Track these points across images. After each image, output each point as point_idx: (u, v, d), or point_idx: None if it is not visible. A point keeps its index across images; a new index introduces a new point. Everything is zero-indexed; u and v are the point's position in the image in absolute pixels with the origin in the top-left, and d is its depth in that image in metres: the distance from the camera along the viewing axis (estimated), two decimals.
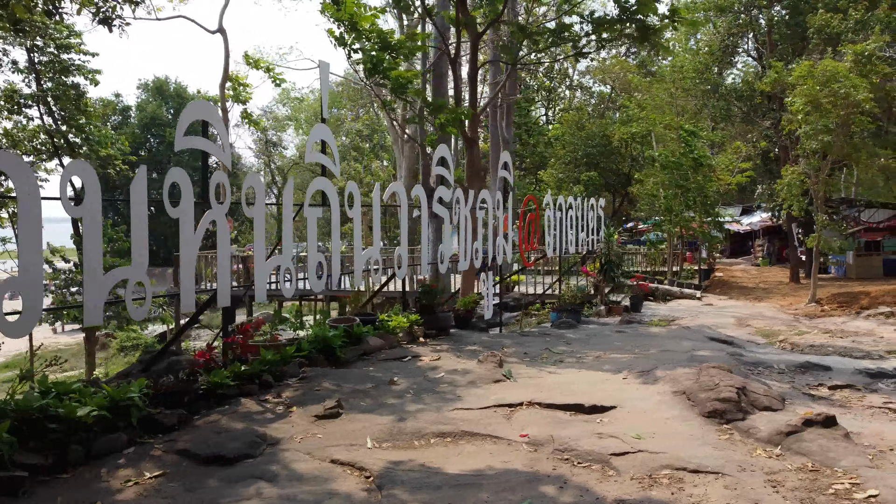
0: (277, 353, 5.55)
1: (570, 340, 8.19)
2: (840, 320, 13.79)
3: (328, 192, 6.63)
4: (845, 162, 17.91)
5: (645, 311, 15.58)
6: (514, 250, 11.52)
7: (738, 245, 38.40)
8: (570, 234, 13.11)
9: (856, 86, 14.33)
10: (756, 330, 12.17)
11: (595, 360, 6.93)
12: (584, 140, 27.81)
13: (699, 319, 13.69)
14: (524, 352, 7.23)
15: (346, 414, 4.85)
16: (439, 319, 7.81)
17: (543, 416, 4.82)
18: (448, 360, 6.41)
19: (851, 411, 5.13)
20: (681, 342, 8.13)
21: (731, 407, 4.62)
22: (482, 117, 21.49)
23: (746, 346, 8.88)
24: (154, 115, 46.13)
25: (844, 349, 9.07)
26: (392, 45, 8.98)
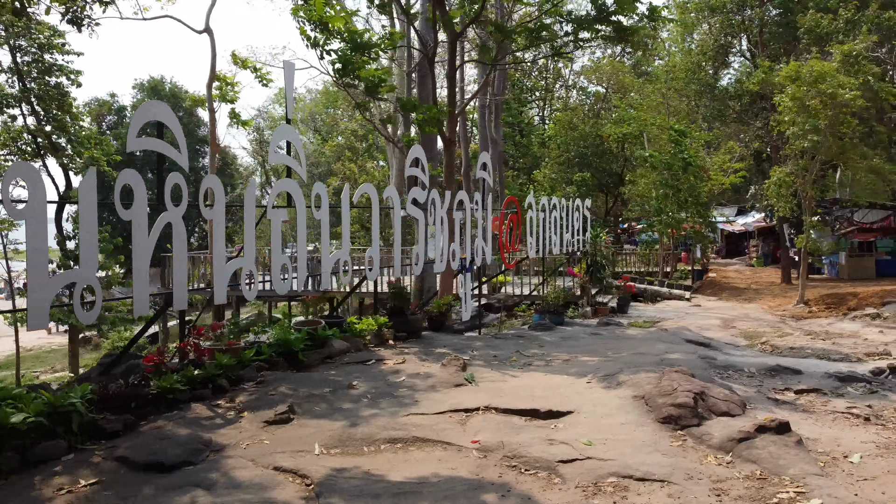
0: (235, 356, 5.48)
1: (543, 343, 8.12)
2: (826, 322, 13.71)
3: (293, 193, 6.56)
4: (836, 162, 17.84)
5: (632, 312, 15.51)
6: (496, 251, 11.45)
7: (733, 245, 38.32)
8: (553, 236, 13.04)
9: (843, 86, 14.27)
10: (740, 332, 12.10)
11: (564, 363, 6.86)
12: (576, 140, 27.74)
13: (684, 321, 13.62)
14: (494, 355, 7.16)
15: (297, 419, 4.78)
16: (410, 322, 7.73)
17: (498, 422, 4.75)
18: (412, 363, 6.34)
19: (813, 416, 5.05)
20: (655, 345, 8.06)
21: (687, 413, 4.55)
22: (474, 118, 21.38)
23: (723, 349, 8.81)
24: None
25: (823, 351, 9.00)
26: (364, 45, 8.91)
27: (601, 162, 28.14)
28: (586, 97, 36.46)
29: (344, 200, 7.26)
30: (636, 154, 21.38)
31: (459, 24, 9.62)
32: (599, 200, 30.64)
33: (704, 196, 23.50)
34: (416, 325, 7.83)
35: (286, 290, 6.41)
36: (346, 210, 7.27)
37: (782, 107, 15.57)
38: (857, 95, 14.44)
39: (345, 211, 7.25)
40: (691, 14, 24.85)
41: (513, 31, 9.41)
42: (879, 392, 5.93)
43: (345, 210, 7.25)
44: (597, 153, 27.63)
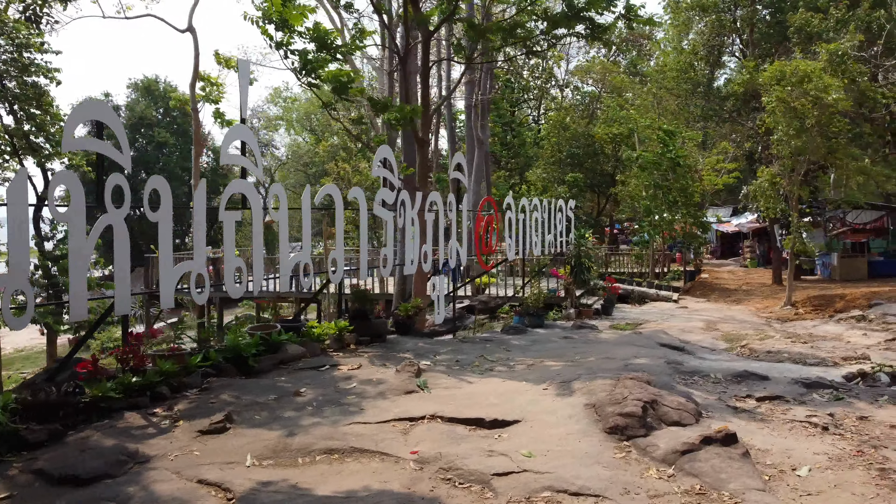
0: (178, 362, 5.32)
1: (511, 347, 7.96)
2: (811, 324, 13.55)
3: (248, 194, 6.41)
4: (823, 164, 17.68)
5: (616, 314, 15.34)
6: (473, 253, 11.29)
7: (728, 246, 38.15)
8: (534, 237, 12.87)
9: (827, 86, 14.10)
10: (722, 334, 11.94)
11: (526, 368, 6.70)
12: (568, 140, 27.58)
13: (667, 323, 13.46)
14: (456, 359, 7.00)
15: (234, 428, 4.62)
16: (374, 325, 7.56)
17: (442, 432, 4.59)
18: (367, 369, 6.18)
19: (770, 425, 4.90)
20: (625, 349, 7.90)
21: (634, 422, 4.39)
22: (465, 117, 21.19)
23: (698, 353, 8.65)
24: (142, 115, 45.86)
25: (800, 355, 8.83)
26: (330, 45, 8.75)
27: (593, 162, 27.95)
28: (581, 97, 36.32)
29: (304, 202, 7.10)
30: (624, 155, 21.21)
31: (433, 23, 9.46)
32: (591, 201, 30.49)
33: (697, 196, 23.34)
34: (380, 329, 7.66)
35: (240, 294, 6.26)
36: (307, 212, 7.11)
37: (769, 107, 15.40)
38: (842, 98, 14.28)
39: (305, 212, 7.09)
40: (685, 14, 24.72)
41: (487, 30, 9.26)
42: (845, 399, 5.77)
43: (305, 212, 7.09)
44: (588, 153, 27.45)
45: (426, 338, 8.42)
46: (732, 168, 27.30)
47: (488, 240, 11.09)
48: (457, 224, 10.01)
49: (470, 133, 18.26)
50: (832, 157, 15.85)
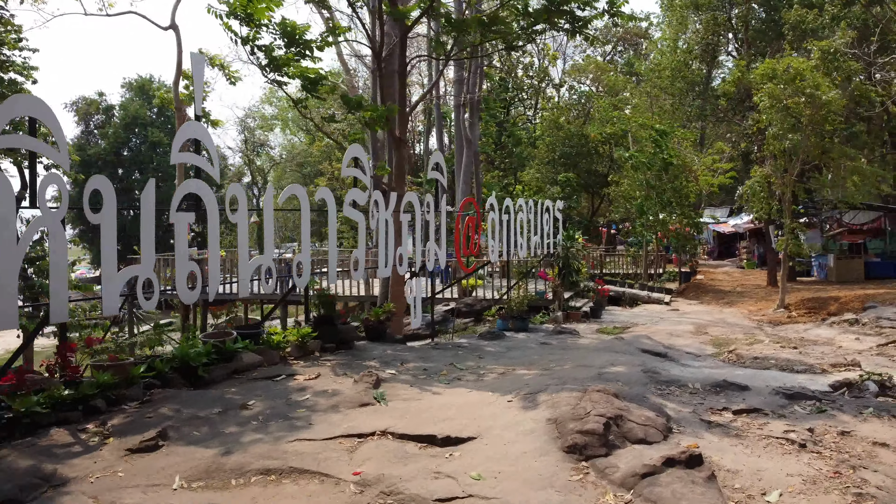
0: (119, 373, 5.01)
1: (485, 353, 7.64)
2: (803, 327, 13.24)
3: (203, 195, 6.10)
4: (816, 163, 17.37)
5: (605, 317, 15.04)
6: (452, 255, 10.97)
7: (726, 246, 37.83)
8: (519, 238, 12.56)
9: (819, 85, 13.79)
10: (711, 339, 11.64)
11: (496, 377, 6.38)
12: (561, 140, 27.26)
13: (656, 326, 13.16)
14: (424, 368, 6.69)
15: (167, 446, 4.31)
16: (341, 332, 7.24)
17: (390, 450, 4.28)
18: (325, 379, 5.86)
19: (744, 442, 4.58)
20: (603, 356, 7.59)
21: (595, 441, 4.08)
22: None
23: (681, 359, 8.34)
24: (136, 114, 45.53)
25: (787, 362, 8.52)
26: (299, 40, 8.44)
27: (587, 162, 27.64)
28: (577, 97, 35.99)
29: (267, 203, 6.79)
30: (617, 154, 20.89)
31: (410, 18, 9.15)
32: (585, 201, 30.18)
33: (693, 197, 23.02)
34: (347, 335, 7.34)
35: (193, 299, 5.95)
36: (269, 213, 6.81)
37: (762, 103, 15.09)
38: (836, 97, 13.98)
39: (267, 213, 6.79)
40: (680, 12, 24.41)
41: (464, 24, 8.93)
42: (828, 411, 5.45)
43: (267, 212, 6.79)
44: (582, 153, 27.13)
45: (399, 344, 8.10)
46: (728, 168, 26.97)
47: (470, 241, 10.78)
48: (435, 225, 9.70)
49: (459, 133, 17.95)
50: (826, 157, 15.55)
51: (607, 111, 23.39)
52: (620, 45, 38.07)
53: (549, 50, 30.68)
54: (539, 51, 31.35)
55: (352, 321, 8.38)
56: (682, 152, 22.45)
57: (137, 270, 5.53)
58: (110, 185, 5.27)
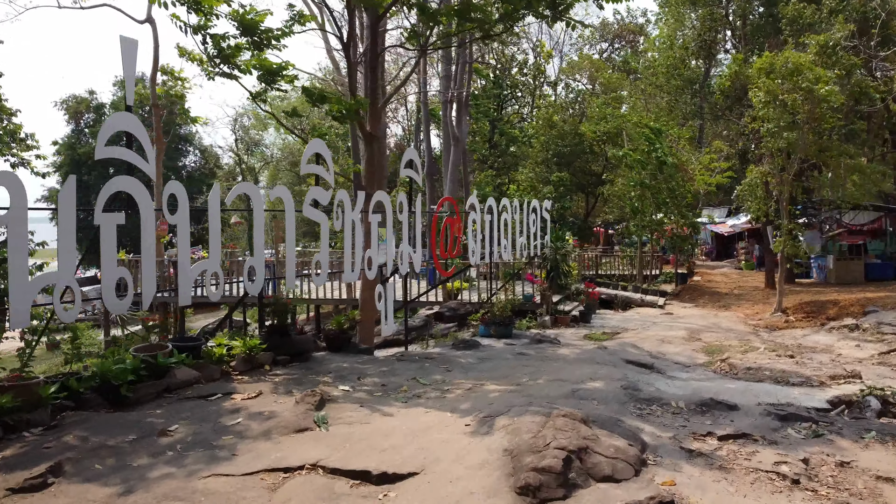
0: (22, 395, 4.43)
1: (455, 366, 7.06)
2: (801, 333, 12.66)
3: (135, 193, 5.52)
4: (815, 162, 16.80)
5: (595, 321, 14.45)
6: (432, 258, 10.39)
7: (723, 247, 37.23)
8: (503, 240, 11.97)
9: (819, 79, 13.21)
10: (704, 345, 11.05)
11: (462, 394, 5.80)
12: (554, 139, 26.67)
13: (647, 332, 12.57)
14: (383, 384, 6.10)
15: (59, 484, 3.72)
16: (295, 342, 6.65)
17: (318, 487, 3.70)
18: (266, 398, 5.27)
19: (729, 476, 4.00)
20: (583, 368, 7.01)
21: (551, 480, 3.50)
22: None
23: (668, 370, 7.75)
24: None
25: (782, 374, 7.94)
26: (257, 29, 7.88)
27: (581, 161, 27.05)
28: (573, 95, 35.41)
29: (212, 202, 6.22)
30: (610, 153, 20.31)
31: (383, 6, 8.58)
32: (580, 201, 29.60)
33: (690, 197, 22.44)
34: (304, 346, 6.75)
35: (122, 309, 5.36)
36: (215, 213, 6.23)
37: (756, 101, 14.52)
38: (835, 90, 13.40)
39: (212, 213, 6.21)
40: (676, 9, 23.85)
41: (439, 13, 8.35)
42: (825, 436, 4.87)
43: (212, 212, 6.21)
44: (576, 152, 26.53)
45: (364, 354, 7.51)
46: (726, 168, 26.40)
47: (449, 243, 10.19)
48: (409, 227, 9.13)
49: (446, 130, 17.37)
50: (824, 156, 14.97)
51: (602, 109, 22.79)
52: (617, 42, 37.50)
53: (544, 47, 30.08)
54: (533, 47, 30.79)
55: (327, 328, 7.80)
56: (677, 151, 21.88)
57: (55, 277, 4.95)
58: (19, 182, 4.71)
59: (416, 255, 9.47)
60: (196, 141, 52.29)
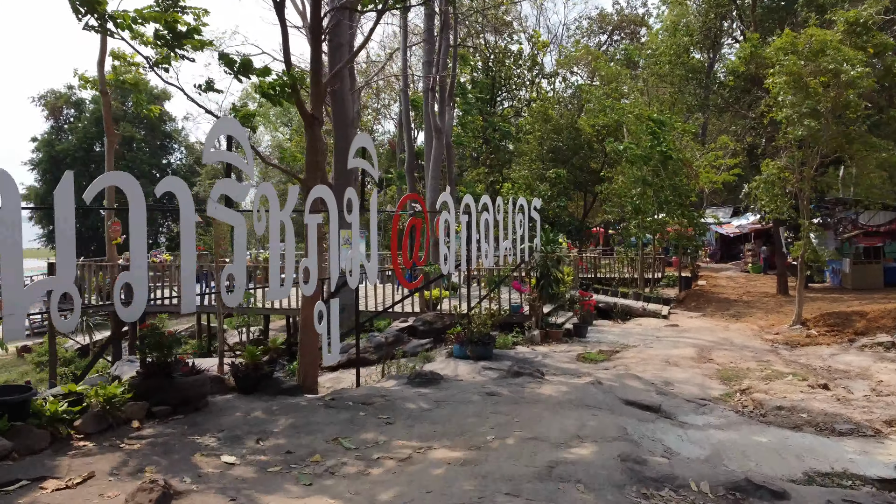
0: None
1: (400, 414, 5.38)
2: (827, 352, 11.00)
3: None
4: (838, 156, 15.12)
5: (592, 335, 12.78)
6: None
7: (728, 249, 35.54)
8: (483, 244, 10.28)
9: (849, 60, 11.53)
10: (717, 369, 9.38)
11: (394, 468, 4.13)
12: (550, 134, 24.96)
13: (649, 351, 10.90)
14: (290, 449, 4.42)
15: None
16: (181, 387, 4.95)
17: None
18: (92, 488, 3.59)
19: None
20: (569, 416, 5.33)
21: None
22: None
23: (678, 414, 6.08)
24: None
25: (824, 417, 6.27)
26: None
27: (579, 158, 25.33)
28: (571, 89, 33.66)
29: (59, 198, 4.55)
30: (609, 147, 18.63)
31: None
32: (578, 200, 27.90)
33: (693, 195, 20.76)
34: (194, 391, 5.06)
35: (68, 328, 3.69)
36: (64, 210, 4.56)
37: (774, 88, 12.85)
38: (866, 73, 11.71)
39: (59, 213, 4.55)
40: None
41: None
42: None
43: (58, 212, 4.54)
44: (573, 148, 24.81)
45: (286, 396, 5.81)
46: (732, 164, 24.70)
47: (415, 248, 8.51)
48: (360, 229, 7.45)
49: (428, 121, 15.69)
50: (849, 148, 13.28)
51: (600, 100, 21.11)
52: (617, 34, 35.80)
53: (539, 37, 28.36)
54: (529, 38, 29.05)
55: (237, 361, 6.10)
56: (681, 146, 20.20)
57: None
58: None
59: (370, 265, 7.80)
60: (182, 138, 50.65)
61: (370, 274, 7.76)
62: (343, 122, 11.74)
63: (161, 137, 47.15)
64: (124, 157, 42.26)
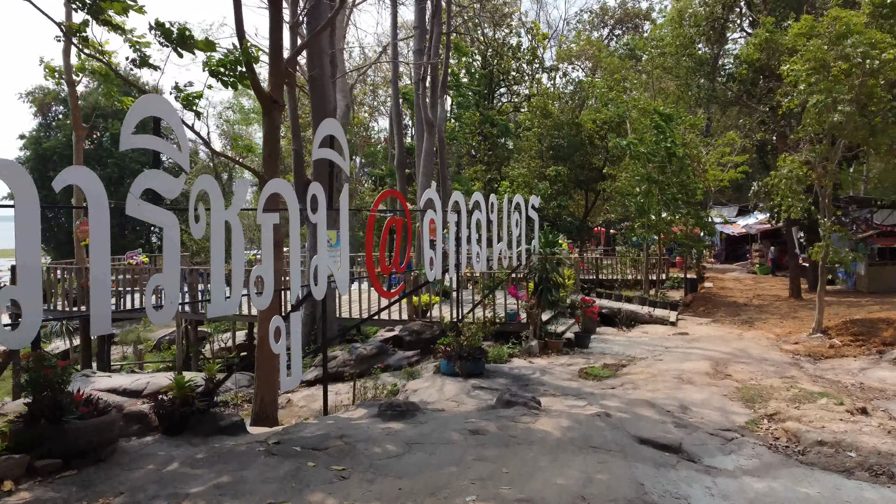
0: None
1: (359, 463, 4.33)
2: (856, 365, 9.94)
3: None
4: (857, 151, 14.06)
5: (595, 344, 11.72)
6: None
7: (733, 249, 34.43)
8: (474, 246, 9.23)
9: (876, 44, 10.47)
10: (737, 386, 8.34)
11: None
12: (550, 130, 23.87)
13: (660, 365, 9.84)
14: None
15: None
16: (73, 433, 3.82)
17: None
18: None
19: None
20: (569, 464, 4.28)
21: None
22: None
23: (702, 455, 5.03)
24: (96, 104, 42.08)
25: (879, 457, 5.21)
26: None
27: (580, 155, 24.23)
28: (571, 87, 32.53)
29: None
30: (611, 143, 17.56)
31: None
32: (579, 199, 26.83)
33: (699, 194, 19.68)
34: (97, 437, 3.97)
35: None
36: None
37: (790, 76, 11.79)
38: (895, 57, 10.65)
39: None
40: None
41: None
42: None
43: None
44: (574, 144, 23.71)
45: (223, 437, 4.74)
46: (741, 161, 23.62)
47: (394, 252, 7.47)
48: (333, 229, 6.41)
49: (419, 113, 14.63)
50: (872, 141, 12.22)
51: (603, 94, 20.02)
52: (619, 28, 34.71)
53: (538, 29, 27.28)
54: (528, 31, 27.95)
55: (161, 397, 5.03)
56: (688, 142, 19.12)
57: None
58: None
59: (340, 273, 6.77)
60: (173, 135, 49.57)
61: (340, 284, 6.72)
62: (322, 113, 10.68)
63: (149, 133, 45.70)
64: (112, 154, 41.21)
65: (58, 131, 42.51)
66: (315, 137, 6.20)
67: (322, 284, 6.17)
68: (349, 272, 7.17)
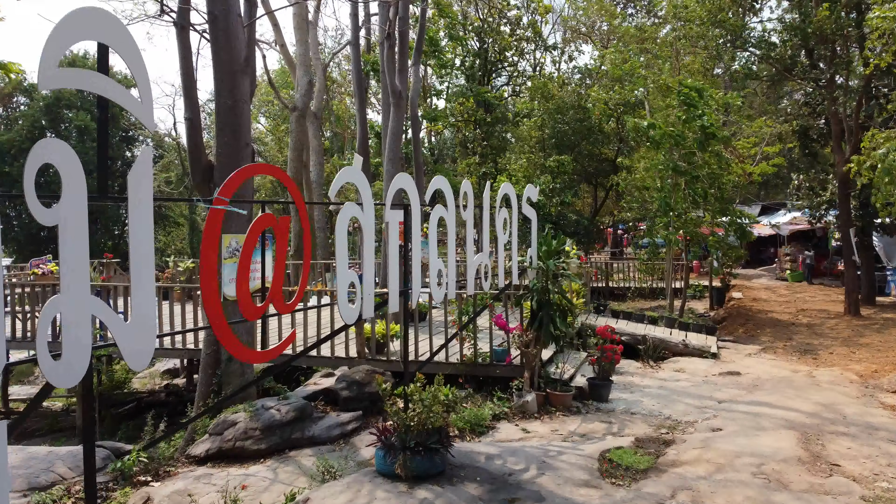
0: None
1: None
2: None
3: None
4: None
5: (616, 396, 8.32)
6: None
7: (754, 251, 30.88)
8: (436, 261, 5.84)
9: None
10: (860, 495, 4.96)
11: None
12: (552, 114, 20.44)
13: (721, 440, 6.44)
14: None
15: None
16: None
17: None
18: None
19: None
20: None
21: None
22: None
23: None
24: (60, 96, 38.73)
25: None
26: None
27: (588, 143, 20.82)
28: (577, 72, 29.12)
29: None
30: (630, 125, 14.18)
31: None
32: (587, 196, 23.41)
33: (729, 189, 16.26)
34: None
35: None
36: None
37: (883, 25, 8.42)
38: None
39: None
40: None
41: None
42: None
43: None
44: (580, 131, 20.29)
45: None
46: (774, 152, 20.19)
47: (276, 263, 4.10)
48: None
49: (384, 81, 11.29)
50: None
51: (615, 68, 16.63)
52: (630, 6, 31.24)
53: (541, 1, 23.89)
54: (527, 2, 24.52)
55: None
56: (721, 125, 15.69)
57: None
58: None
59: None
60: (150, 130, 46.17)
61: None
62: (230, 65, 7.33)
63: (125, 128, 42.71)
64: (75, 148, 37.69)
65: (20, 123, 39.15)
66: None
67: None
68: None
